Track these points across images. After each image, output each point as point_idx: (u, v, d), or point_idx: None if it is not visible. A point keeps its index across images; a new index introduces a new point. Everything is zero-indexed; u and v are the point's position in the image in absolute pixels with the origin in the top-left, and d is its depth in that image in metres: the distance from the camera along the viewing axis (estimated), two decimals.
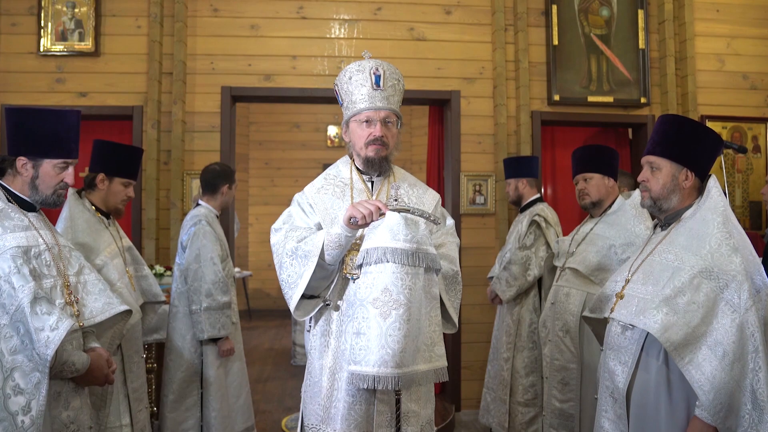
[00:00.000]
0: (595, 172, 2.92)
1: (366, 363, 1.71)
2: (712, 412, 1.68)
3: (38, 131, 1.95)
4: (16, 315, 1.75)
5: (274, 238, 2.03)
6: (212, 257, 3.20)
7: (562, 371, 2.85)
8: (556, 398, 2.87)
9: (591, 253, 2.81)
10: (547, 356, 2.94)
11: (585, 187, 2.94)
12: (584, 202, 2.96)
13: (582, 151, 3.05)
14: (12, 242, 1.84)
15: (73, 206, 2.64)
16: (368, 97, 2.02)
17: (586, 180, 2.94)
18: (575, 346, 2.77)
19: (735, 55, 4.72)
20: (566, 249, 2.99)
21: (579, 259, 2.84)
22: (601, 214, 2.93)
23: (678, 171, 1.96)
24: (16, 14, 4.23)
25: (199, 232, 3.23)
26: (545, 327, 2.97)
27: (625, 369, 1.90)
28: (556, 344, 2.87)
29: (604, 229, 2.84)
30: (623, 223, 2.78)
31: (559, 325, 2.85)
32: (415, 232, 1.79)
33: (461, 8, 4.56)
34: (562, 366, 2.84)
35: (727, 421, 1.69)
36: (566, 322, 2.82)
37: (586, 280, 2.79)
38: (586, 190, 2.94)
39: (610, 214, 2.89)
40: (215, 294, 3.18)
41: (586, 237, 2.90)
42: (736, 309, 1.73)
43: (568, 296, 2.85)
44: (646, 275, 1.94)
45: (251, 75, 4.38)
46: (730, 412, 1.68)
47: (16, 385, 1.72)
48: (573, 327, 2.77)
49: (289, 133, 9.35)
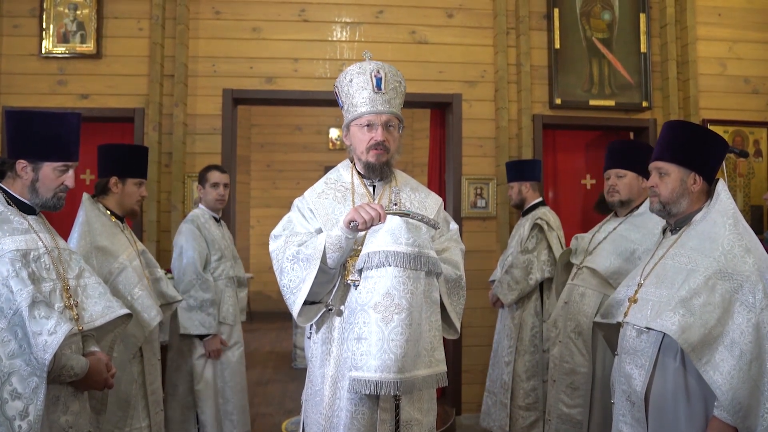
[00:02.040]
0: (630, 170, 2.77)
1: (367, 368, 1.69)
2: (731, 411, 1.69)
3: (38, 134, 1.94)
4: (14, 319, 1.74)
5: (274, 244, 2.00)
6: (192, 255, 3.26)
7: (571, 375, 2.72)
8: (563, 403, 2.74)
9: (612, 255, 2.68)
10: (555, 357, 2.81)
11: (616, 183, 2.79)
12: (613, 198, 2.81)
13: (619, 146, 2.91)
14: (11, 245, 1.83)
15: (89, 210, 2.64)
16: (369, 100, 1.98)
17: (619, 177, 2.78)
18: (587, 349, 2.65)
19: (737, 59, 4.72)
20: (585, 246, 2.86)
21: (598, 260, 2.71)
22: (627, 214, 2.80)
23: (686, 175, 1.98)
24: (17, 16, 4.23)
25: (181, 231, 3.36)
26: (555, 327, 2.84)
27: (642, 372, 1.90)
28: (566, 345, 2.74)
29: (629, 230, 2.71)
30: (650, 227, 2.62)
31: (571, 326, 2.73)
32: (417, 236, 1.78)
33: (463, 11, 4.56)
34: (572, 369, 2.72)
35: (747, 420, 1.69)
36: (579, 323, 2.69)
37: (603, 282, 2.67)
38: (617, 187, 2.79)
39: (636, 216, 2.75)
40: (192, 291, 3.22)
41: (608, 236, 2.77)
42: (751, 309, 1.75)
43: (583, 296, 2.72)
44: (660, 279, 1.95)
45: (253, 77, 4.38)
46: (749, 411, 1.69)
47: (13, 390, 1.70)
48: (586, 329, 2.65)
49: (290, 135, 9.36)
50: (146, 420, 2.61)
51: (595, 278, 2.71)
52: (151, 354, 2.71)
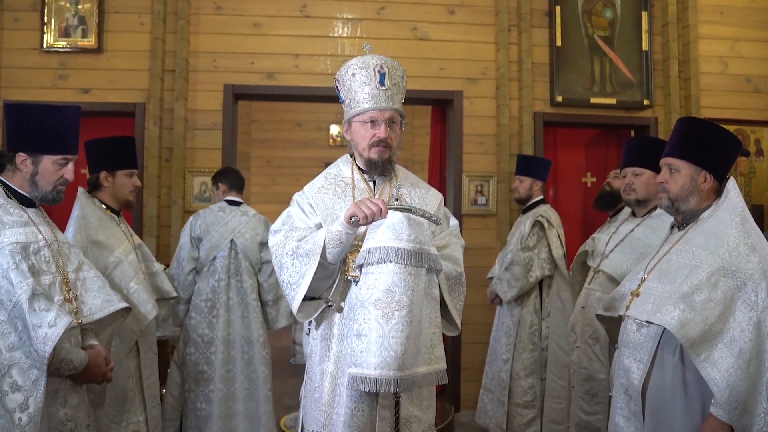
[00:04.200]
0: (647, 168, 2.66)
1: (367, 365, 1.67)
2: (727, 410, 1.69)
3: (38, 127, 1.94)
4: (14, 311, 1.74)
5: (273, 239, 1.98)
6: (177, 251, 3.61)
7: (589, 381, 2.67)
8: (582, 410, 2.67)
9: (629, 260, 2.59)
10: (574, 363, 2.76)
11: (633, 182, 2.70)
12: (629, 197, 2.73)
13: (636, 142, 2.85)
14: (11, 238, 1.83)
15: (84, 205, 2.63)
16: (372, 96, 1.95)
17: (636, 175, 2.69)
18: (605, 356, 2.58)
19: (738, 57, 4.71)
20: (602, 250, 2.81)
21: (615, 265, 2.64)
22: (645, 216, 2.73)
23: (697, 173, 1.96)
24: (19, 10, 4.22)
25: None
26: (574, 332, 2.79)
27: (640, 366, 1.90)
28: (584, 351, 2.70)
29: (647, 233, 2.64)
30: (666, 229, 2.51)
31: (588, 332, 2.68)
32: (418, 232, 1.76)
33: (464, 8, 4.55)
34: (590, 375, 2.67)
35: (743, 419, 1.69)
36: (596, 329, 2.62)
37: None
38: (633, 186, 2.70)
39: (654, 217, 2.67)
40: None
41: (625, 239, 2.71)
42: (753, 307, 1.74)
43: (600, 302, 2.61)
44: (663, 273, 1.95)
45: (254, 73, 4.37)
46: (746, 410, 1.69)
47: (13, 382, 1.70)
48: (603, 335, 2.54)
49: (291, 131, 9.34)
50: (143, 414, 2.60)
51: (612, 283, 2.63)
52: (147, 348, 2.70)
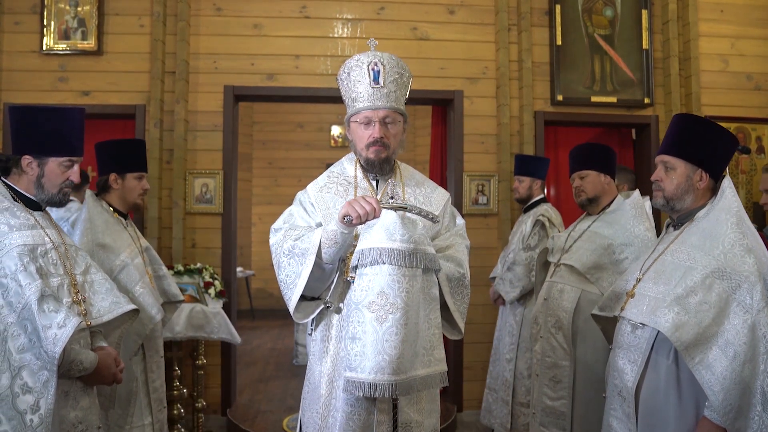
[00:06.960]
0: (590, 169, 2.89)
1: (362, 370, 1.63)
2: (721, 413, 1.67)
3: (43, 129, 1.94)
4: (23, 313, 1.74)
5: (273, 238, 1.96)
6: None
7: (553, 368, 2.79)
8: (547, 396, 2.81)
9: (588, 251, 2.76)
10: (538, 353, 2.88)
11: (581, 184, 2.91)
12: (580, 199, 2.93)
13: (577, 150, 3.03)
14: (18, 240, 1.83)
15: (91, 208, 2.64)
16: (366, 95, 1.92)
17: (582, 177, 2.91)
18: (567, 344, 2.72)
19: (739, 55, 4.71)
20: (561, 245, 2.94)
21: (575, 257, 2.79)
22: (600, 212, 2.90)
23: (692, 171, 1.94)
24: (19, 13, 4.22)
25: None
26: (537, 323, 2.92)
27: (634, 368, 1.89)
28: (547, 341, 2.81)
29: (603, 227, 2.80)
30: (622, 222, 2.74)
31: (551, 322, 2.80)
32: (413, 232, 1.70)
33: (464, 8, 4.55)
34: (554, 363, 2.79)
35: (737, 422, 1.67)
36: (559, 319, 2.76)
37: (581, 278, 2.74)
38: (582, 187, 2.91)
39: (609, 213, 2.84)
40: None
41: (583, 234, 2.85)
42: (748, 310, 1.71)
43: (561, 293, 2.78)
44: (658, 274, 1.93)
45: (254, 74, 4.37)
46: (740, 413, 1.67)
47: (24, 384, 1.70)
48: (566, 324, 2.72)
49: (292, 132, 9.35)
50: (149, 417, 2.61)
51: (573, 274, 2.77)
52: (153, 351, 2.70)
